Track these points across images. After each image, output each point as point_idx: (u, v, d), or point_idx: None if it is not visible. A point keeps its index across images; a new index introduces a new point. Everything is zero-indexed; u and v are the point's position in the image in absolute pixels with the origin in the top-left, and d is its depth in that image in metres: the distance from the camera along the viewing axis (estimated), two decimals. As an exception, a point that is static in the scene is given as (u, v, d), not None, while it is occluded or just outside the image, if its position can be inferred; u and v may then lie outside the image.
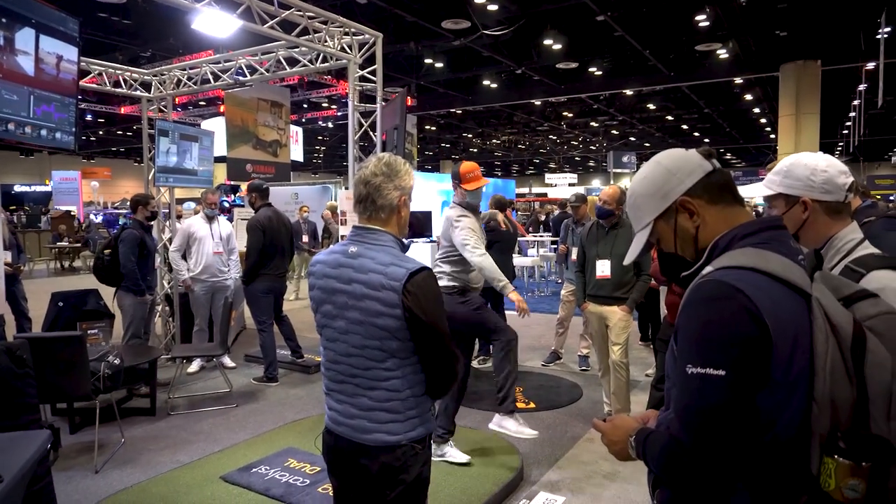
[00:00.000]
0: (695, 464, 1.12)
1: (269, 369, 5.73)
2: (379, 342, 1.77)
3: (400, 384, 1.80)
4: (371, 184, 1.85)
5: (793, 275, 1.12)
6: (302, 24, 5.01)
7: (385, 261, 1.78)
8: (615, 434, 1.38)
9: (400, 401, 1.80)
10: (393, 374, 1.79)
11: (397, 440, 1.80)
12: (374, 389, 1.81)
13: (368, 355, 1.79)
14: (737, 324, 1.08)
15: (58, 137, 3.42)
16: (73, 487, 3.60)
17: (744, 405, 1.07)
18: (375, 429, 1.80)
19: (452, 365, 1.87)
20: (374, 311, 1.76)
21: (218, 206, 6.28)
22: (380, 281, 1.75)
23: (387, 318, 1.74)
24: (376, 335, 1.77)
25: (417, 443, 1.84)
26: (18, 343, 3.05)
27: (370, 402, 1.81)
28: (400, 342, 1.77)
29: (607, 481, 3.67)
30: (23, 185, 29.86)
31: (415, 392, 1.83)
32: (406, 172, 1.92)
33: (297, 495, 3.40)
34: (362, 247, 1.84)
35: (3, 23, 2.96)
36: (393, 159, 1.93)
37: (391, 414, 1.80)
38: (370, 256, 1.81)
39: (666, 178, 1.31)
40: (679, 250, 1.33)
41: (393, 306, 1.73)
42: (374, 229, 1.86)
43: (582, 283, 4.55)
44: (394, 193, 1.86)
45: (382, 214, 1.87)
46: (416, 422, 1.83)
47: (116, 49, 12.89)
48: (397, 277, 1.73)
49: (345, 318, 1.82)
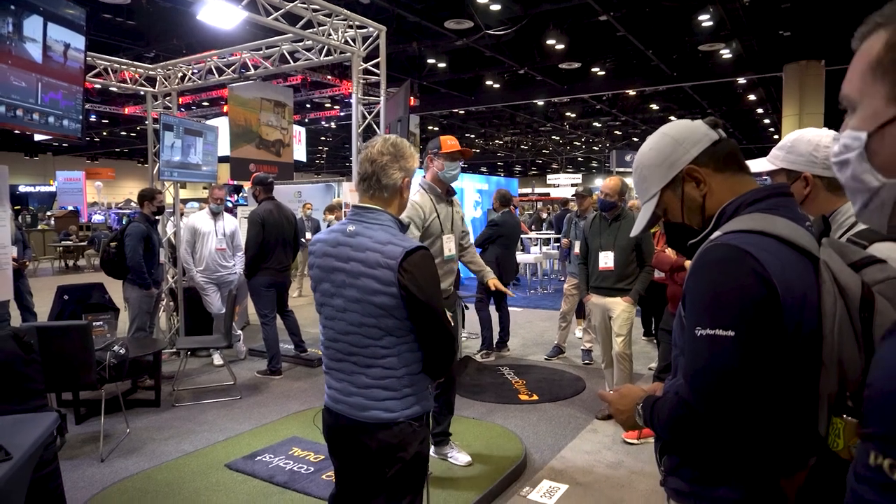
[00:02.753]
0: (704, 426, 1.12)
1: (272, 362, 5.74)
2: (376, 320, 1.79)
3: (396, 362, 1.81)
4: (377, 162, 1.87)
5: (801, 238, 1.12)
6: (306, 16, 5.04)
7: (382, 239, 1.80)
8: (622, 403, 1.38)
9: (396, 378, 1.82)
10: (389, 352, 1.81)
11: (394, 417, 1.82)
12: (371, 367, 1.82)
13: (366, 333, 1.81)
14: (745, 285, 1.08)
15: (65, 125, 3.45)
16: (79, 475, 3.62)
17: (753, 366, 1.07)
18: (373, 406, 1.82)
19: (448, 343, 1.87)
20: (370, 289, 1.77)
21: (223, 201, 6.29)
22: (376, 259, 1.77)
23: (383, 296, 1.76)
24: (373, 313, 1.78)
25: (415, 420, 1.86)
26: (25, 329, 3.07)
27: (368, 379, 1.83)
28: (396, 320, 1.78)
29: (610, 470, 3.67)
30: (27, 186, 29.95)
31: (411, 370, 1.84)
32: (411, 155, 1.95)
33: (301, 482, 3.41)
34: (360, 226, 1.86)
35: (11, 10, 2.98)
36: (399, 140, 1.95)
37: (388, 391, 1.82)
38: (368, 235, 1.82)
39: (672, 148, 1.32)
40: (686, 219, 1.33)
41: (389, 284, 1.75)
42: (373, 209, 1.88)
43: (585, 275, 4.55)
44: (398, 174, 1.89)
45: (385, 194, 1.89)
46: (412, 399, 1.85)
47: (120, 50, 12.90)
48: (394, 255, 1.75)
49: (343, 297, 1.84)
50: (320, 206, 11.34)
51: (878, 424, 0.60)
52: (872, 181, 0.73)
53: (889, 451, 0.58)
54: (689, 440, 1.19)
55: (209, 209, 6.07)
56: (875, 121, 0.71)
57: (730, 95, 18.89)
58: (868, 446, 0.60)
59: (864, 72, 0.73)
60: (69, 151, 30.23)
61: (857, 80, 0.75)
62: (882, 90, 0.70)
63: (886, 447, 0.59)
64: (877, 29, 0.73)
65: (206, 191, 6.31)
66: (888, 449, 0.58)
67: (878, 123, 0.71)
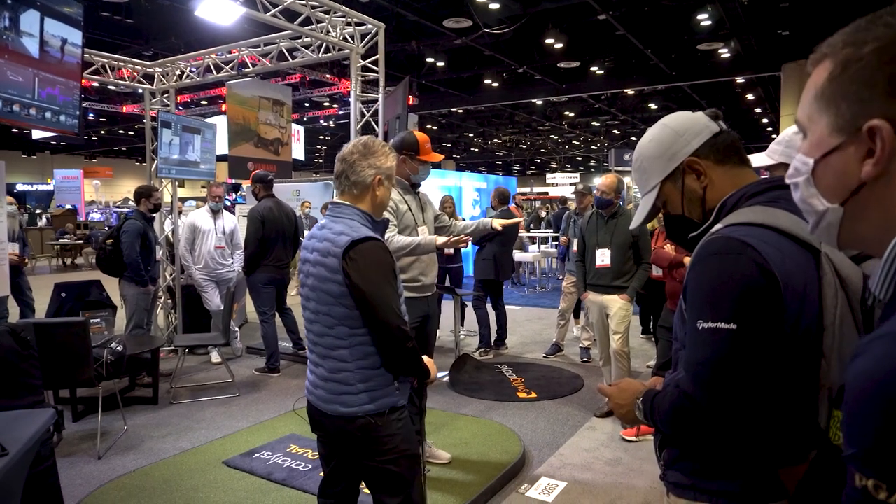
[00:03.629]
0: (705, 418, 1.12)
1: (270, 360, 5.73)
2: (328, 307, 1.84)
3: (348, 354, 1.83)
4: (346, 161, 1.93)
5: (801, 230, 1.12)
6: (305, 13, 5.02)
7: (338, 230, 1.86)
8: (622, 397, 1.38)
9: (349, 372, 1.83)
10: (341, 343, 1.83)
11: (353, 412, 1.83)
12: (327, 359, 1.87)
13: (323, 321, 1.86)
14: (746, 278, 1.08)
15: (62, 120, 3.43)
16: (77, 472, 3.60)
17: (754, 359, 1.07)
18: (333, 399, 1.86)
19: (396, 338, 1.82)
20: (321, 277, 1.84)
21: (222, 199, 6.28)
22: (328, 248, 1.83)
23: (331, 284, 1.81)
24: (325, 300, 1.84)
25: (374, 416, 1.83)
26: (22, 325, 3.06)
27: (326, 372, 1.87)
28: (346, 309, 1.81)
29: (609, 468, 3.67)
30: (25, 184, 29.88)
31: (364, 364, 1.83)
32: (383, 153, 1.97)
33: (299, 479, 3.40)
34: (329, 220, 1.93)
35: (8, 4, 2.97)
36: (371, 140, 1.99)
37: (344, 385, 1.84)
38: (329, 227, 1.89)
39: (673, 140, 1.31)
40: (686, 212, 1.33)
41: (335, 272, 1.80)
42: (342, 204, 1.93)
43: (582, 273, 4.55)
44: (368, 171, 1.92)
45: (355, 191, 1.93)
46: (368, 396, 1.83)
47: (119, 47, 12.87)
48: (341, 245, 1.80)
49: (307, 286, 1.91)
50: (319, 205, 11.34)
51: (855, 445, 0.60)
52: (818, 205, 0.75)
53: (868, 471, 0.58)
54: (690, 433, 1.18)
55: (208, 207, 6.06)
56: (820, 149, 0.74)
57: (728, 94, 18.90)
58: (851, 469, 0.60)
59: (811, 100, 0.75)
60: (67, 150, 30.16)
61: (806, 107, 0.77)
62: (825, 120, 0.73)
63: (866, 467, 0.58)
64: (823, 59, 0.74)
65: (204, 189, 6.29)
66: (867, 469, 0.58)
67: (823, 152, 0.73)
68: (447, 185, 11.65)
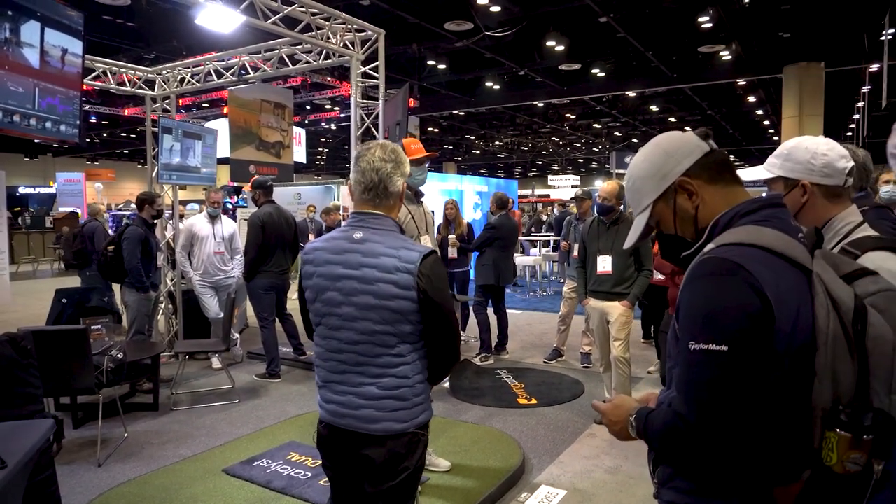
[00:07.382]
0: (698, 438, 1.12)
1: (270, 366, 5.73)
2: (392, 326, 1.78)
3: (409, 370, 1.82)
4: (382, 171, 1.86)
5: (794, 251, 1.12)
6: (305, 20, 5.03)
7: (395, 244, 1.81)
8: (615, 414, 1.38)
9: (408, 387, 1.83)
10: (403, 361, 1.81)
11: (404, 428, 1.82)
12: (382, 377, 1.81)
13: (378, 341, 1.79)
14: (738, 299, 1.08)
15: (62, 130, 3.44)
16: (76, 480, 3.61)
17: (746, 380, 1.07)
18: (384, 417, 1.80)
19: (457, 345, 1.95)
20: (388, 294, 1.77)
21: (221, 205, 6.29)
22: (394, 264, 1.77)
23: (401, 301, 1.76)
24: (389, 319, 1.78)
25: (421, 429, 1.88)
26: (22, 334, 3.06)
27: (378, 390, 1.81)
28: (412, 325, 1.80)
29: (609, 476, 3.67)
30: (27, 187, 29.95)
31: (421, 378, 1.87)
32: (406, 161, 1.97)
33: (298, 488, 3.40)
34: (368, 232, 1.84)
35: (8, 15, 2.98)
36: (396, 147, 1.97)
37: (399, 402, 1.82)
38: (378, 241, 1.82)
39: (664, 160, 1.32)
40: (679, 231, 1.33)
41: (408, 288, 1.76)
42: (378, 215, 1.87)
43: (583, 279, 4.55)
44: (400, 181, 1.90)
45: (391, 201, 1.90)
46: (420, 408, 1.87)
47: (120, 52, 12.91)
48: (411, 260, 1.77)
49: (352, 304, 1.80)
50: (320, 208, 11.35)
51: None
52: None
53: None
54: (683, 453, 1.18)
55: (207, 212, 6.07)
56: None
57: (730, 97, 18.89)
58: None
59: None
60: (69, 153, 30.23)
61: None
62: None
63: None
64: None
65: (205, 192, 6.30)
66: None
67: None
68: (448, 188, 11.65)
